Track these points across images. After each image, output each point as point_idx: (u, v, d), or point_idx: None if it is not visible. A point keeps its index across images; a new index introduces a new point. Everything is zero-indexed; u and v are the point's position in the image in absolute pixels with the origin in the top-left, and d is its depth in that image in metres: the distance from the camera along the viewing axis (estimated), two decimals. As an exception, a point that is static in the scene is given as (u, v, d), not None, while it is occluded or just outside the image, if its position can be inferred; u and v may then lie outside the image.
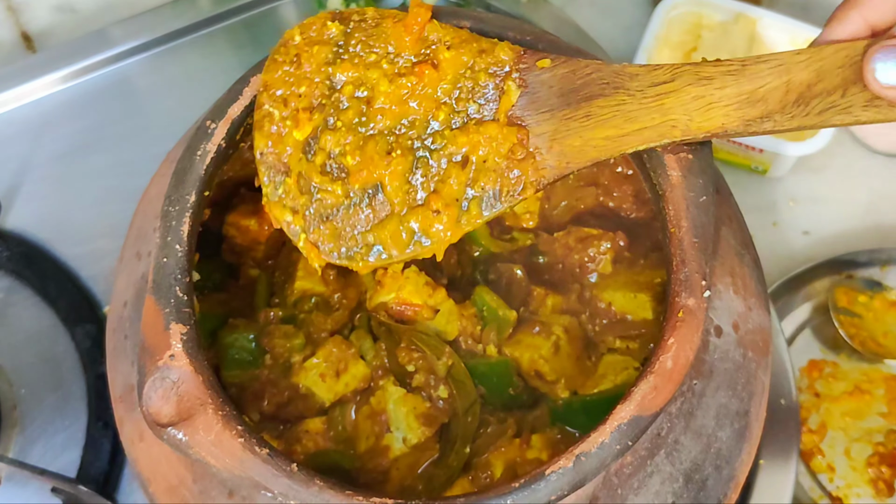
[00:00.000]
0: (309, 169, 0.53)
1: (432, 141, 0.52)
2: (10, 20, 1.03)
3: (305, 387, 0.60)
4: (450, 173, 0.52)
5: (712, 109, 0.47)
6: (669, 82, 0.48)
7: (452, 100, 0.53)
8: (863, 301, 0.84)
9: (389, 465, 0.58)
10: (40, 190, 0.92)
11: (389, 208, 0.52)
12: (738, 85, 0.47)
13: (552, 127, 0.51)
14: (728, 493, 0.55)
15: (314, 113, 0.54)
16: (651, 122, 0.48)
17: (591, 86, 0.50)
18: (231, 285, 0.65)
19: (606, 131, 0.49)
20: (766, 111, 0.46)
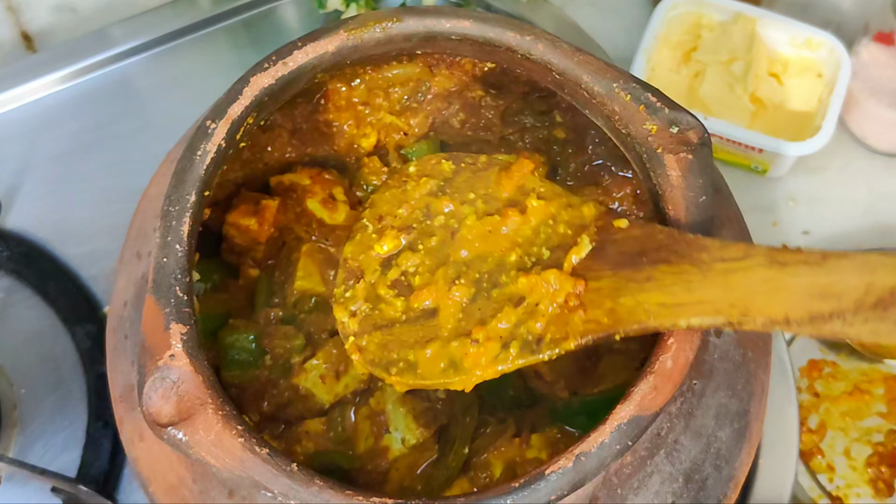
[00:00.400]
0: (380, 281, 0.57)
1: (498, 279, 0.54)
2: (10, 20, 1.03)
3: (305, 388, 0.60)
4: (502, 310, 0.52)
5: (779, 296, 0.44)
6: (740, 260, 0.46)
7: (528, 244, 0.54)
8: (863, 301, 0.84)
9: (389, 465, 0.59)
10: (40, 190, 0.92)
11: (437, 332, 0.54)
12: (812, 276, 0.43)
13: (610, 284, 0.50)
14: (728, 492, 0.55)
15: (402, 233, 0.58)
16: (711, 296, 0.46)
17: (660, 251, 0.49)
18: (231, 285, 0.65)
19: (663, 297, 0.47)
20: (838, 309, 0.42)
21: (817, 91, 0.91)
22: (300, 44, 0.55)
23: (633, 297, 0.48)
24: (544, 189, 0.57)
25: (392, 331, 0.56)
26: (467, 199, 0.58)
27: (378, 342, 0.56)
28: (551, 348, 0.50)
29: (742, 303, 0.44)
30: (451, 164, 0.60)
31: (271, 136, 0.66)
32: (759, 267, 0.45)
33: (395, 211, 0.60)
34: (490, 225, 0.56)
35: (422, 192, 0.60)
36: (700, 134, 0.52)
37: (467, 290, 0.54)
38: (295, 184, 0.66)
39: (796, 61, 0.92)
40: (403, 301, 0.56)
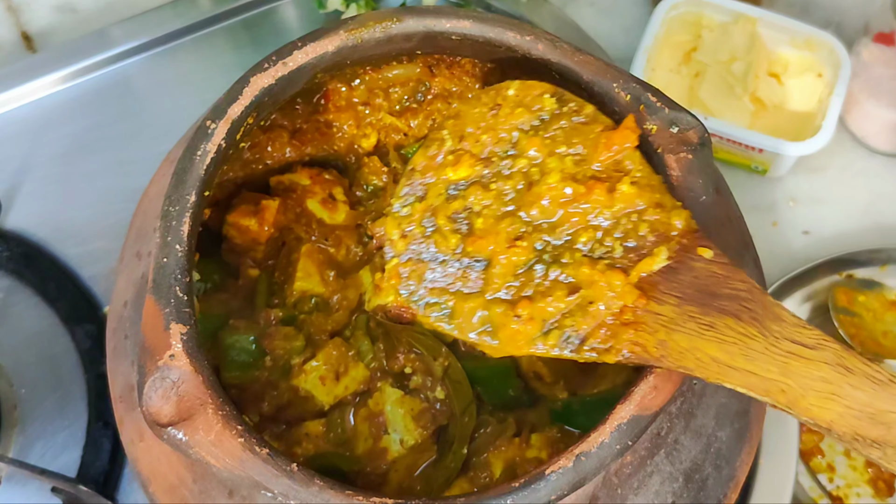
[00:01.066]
0: (441, 208, 0.52)
1: (560, 255, 0.50)
2: (10, 20, 1.03)
3: (305, 390, 0.60)
4: (554, 293, 0.48)
5: (832, 401, 0.42)
6: (809, 348, 0.43)
7: (603, 230, 0.50)
8: (862, 301, 0.85)
9: (388, 467, 0.59)
10: (40, 190, 0.92)
11: (482, 287, 0.50)
12: (873, 395, 0.41)
13: (672, 314, 0.46)
14: (728, 492, 0.55)
15: (479, 163, 0.53)
16: (765, 372, 0.43)
17: (733, 301, 0.45)
18: (231, 285, 0.65)
19: (718, 352, 0.44)
20: (883, 440, 0.40)
21: (817, 91, 0.91)
22: (300, 44, 0.55)
23: (689, 339, 0.45)
24: (641, 174, 0.51)
25: (437, 266, 0.52)
26: (558, 151, 0.52)
27: (419, 274, 0.52)
28: (588, 352, 0.47)
29: (794, 392, 0.42)
30: (553, 102, 0.54)
31: (271, 136, 0.66)
32: (825, 364, 0.42)
33: (480, 135, 0.54)
34: (572, 193, 0.50)
35: (513, 122, 0.54)
36: (700, 134, 0.52)
37: (526, 253, 0.50)
38: (295, 184, 0.66)
39: (796, 61, 0.92)
40: (458, 239, 0.52)
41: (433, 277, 0.52)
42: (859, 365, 0.42)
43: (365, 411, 0.60)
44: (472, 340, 0.50)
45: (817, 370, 0.43)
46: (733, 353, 0.44)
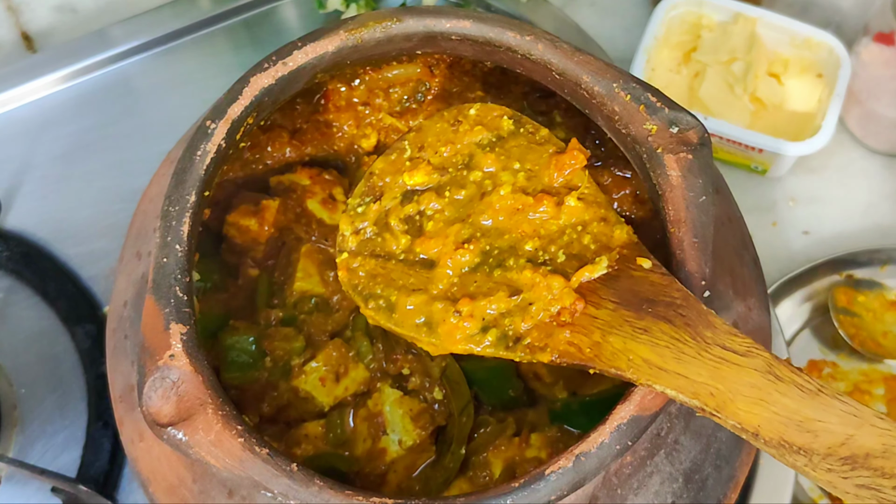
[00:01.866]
0: (395, 210, 0.56)
1: (505, 259, 0.52)
2: (10, 20, 1.03)
3: (305, 391, 0.60)
4: (496, 293, 0.51)
5: (760, 406, 0.42)
6: (739, 354, 0.44)
7: (548, 239, 0.53)
8: (862, 301, 0.85)
9: (387, 468, 0.59)
10: (40, 190, 0.92)
11: (426, 285, 0.52)
12: (800, 403, 0.42)
13: (608, 318, 0.48)
14: (728, 493, 0.55)
15: (435, 172, 0.56)
16: (696, 375, 0.44)
17: (668, 308, 0.47)
18: (231, 285, 0.65)
19: (650, 355, 0.45)
20: (809, 447, 0.40)
21: (817, 91, 0.91)
22: (300, 44, 0.55)
23: (623, 341, 0.47)
24: (588, 191, 0.54)
25: (386, 265, 0.54)
26: (511, 166, 0.56)
27: (368, 270, 0.55)
28: (525, 353, 0.49)
29: (722, 397, 0.43)
30: (511, 124, 0.58)
31: (271, 136, 0.66)
32: (754, 371, 0.43)
33: (438, 147, 0.57)
34: (521, 203, 0.54)
35: (471, 139, 0.57)
36: (700, 134, 0.52)
37: (472, 258, 0.52)
38: (295, 184, 0.66)
39: (796, 61, 0.92)
40: (409, 240, 0.55)
41: (382, 274, 0.54)
42: (788, 373, 0.43)
43: (364, 412, 0.60)
44: (412, 335, 0.52)
45: (747, 376, 0.43)
46: (665, 356, 0.45)
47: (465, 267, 0.53)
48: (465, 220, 0.54)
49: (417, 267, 0.54)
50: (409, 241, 0.54)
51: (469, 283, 0.52)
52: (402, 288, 0.53)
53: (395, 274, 0.54)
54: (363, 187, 0.58)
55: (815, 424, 0.41)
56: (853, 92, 0.91)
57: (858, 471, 0.39)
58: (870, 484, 0.39)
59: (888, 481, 0.39)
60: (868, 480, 0.39)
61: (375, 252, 0.55)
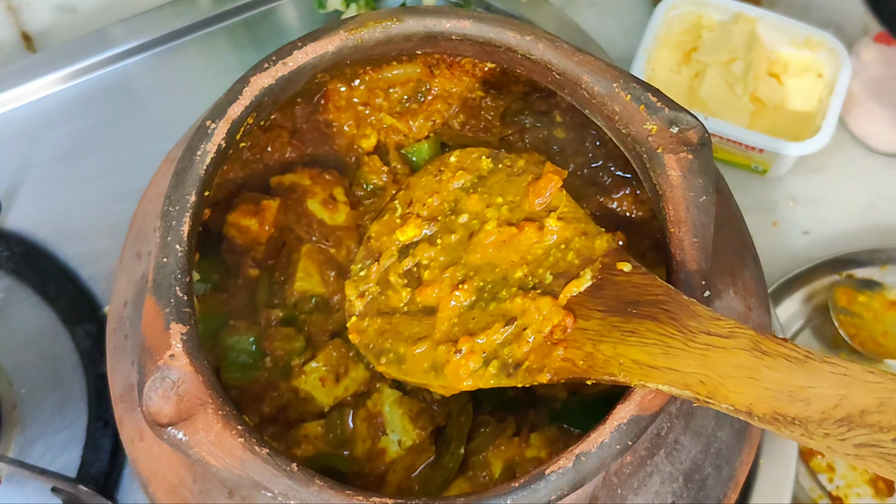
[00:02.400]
0: (393, 267, 0.58)
1: (498, 292, 0.54)
2: (10, 20, 1.03)
3: (305, 391, 0.60)
4: (492, 325, 0.52)
5: (750, 385, 0.42)
6: (724, 337, 0.44)
7: (535, 263, 0.54)
8: (862, 301, 0.85)
9: (386, 468, 0.59)
10: (40, 190, 0.92)
11: (430, 332, 0.54)
12: (789, 373, 0.42)
13: (597, 327, 0.49)
14: (728, 492, 0.55)
15: (425, 223, 0.59)
16: (685, 367, 0.44)
17: (653, 306, 0.48)
18: (231, 285, 0.65)
19: (640, 355, 0.46)
20: (803, 416, 0.40)
21: (817, 91, 0.91)
22: (300, 44, 0.55)
23: (613, 347, 0.47)
24: (567, 210, 0.56)
25: (392, 319, 0.56)
26: (495, 202, 0.58)
27: (377, 328, 0.57)
28: (525, 377, 0.50)
29: (712, 383, 0.43)
30: (489, 162, 0.60)
31: (271, 136, 0.66)
32: (740, 350, 0.43)
33: (426, 199, 0.60)
34: (507, 235, 0.56)
35: (455, 185, 0.60)
36: (700, 134, 0.52)
37: (468, 296, 0.54)
38: (295, 184, 0.66)
39: (796, 61, 0.92)
40: (409, 292, 0.57)
41: (390, 329, 0.56)
42: (774, 346, 0.43)
43: (363, 412, 0.60)
44: (423, 382, 0.54)
45: (734, 357, 0.43)
46: (654, 354, 0.45)
47: (462, 307, 0.54)
48: (458, 262, 0.56)
49: (420, 315, 0.56)
50: (409, 293, 0.57)
51: (468, 320, 0.54)
52: (409, 338, 0.55)
53: (401, 327, 0.56)
54: (363, 252, 0.61)
55: (806, 392, 0.41)
56: (853, 92, 0.91)
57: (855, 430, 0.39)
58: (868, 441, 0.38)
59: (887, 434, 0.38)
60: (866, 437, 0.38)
61: (381, 310, 0.57)
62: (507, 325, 0.52)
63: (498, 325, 0.52)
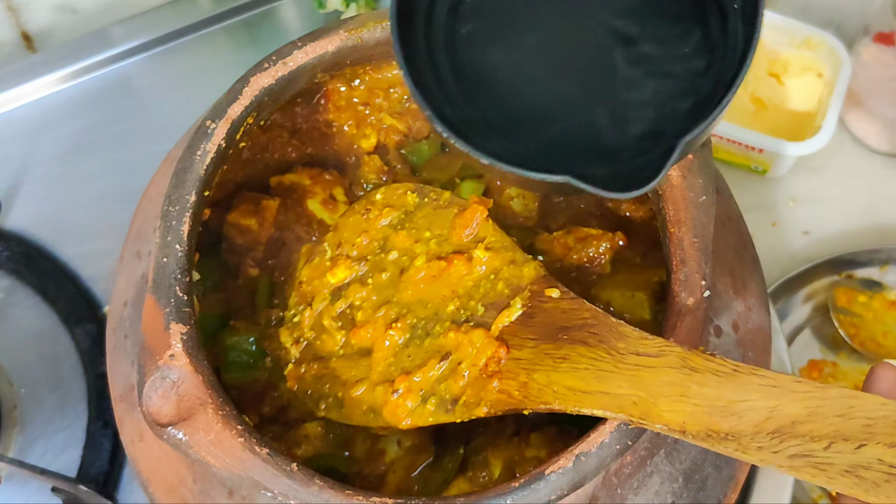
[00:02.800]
0: (326, 310, 0.58)
1: (432, 328, 0.54)
2: (10, 20, 1.03)
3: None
4: (427, 362, 0.52)
5: (681, 402, 0.42)
6: (653, 356, 0.44)
7: (466, 296, 0.54)
8: (862, 301, 0.85)
9: (386, 468, 0.59)
10: (40, 190, 0.92)
11: (367, 373, 0.54)
12: (719, 388, 0.41)
13: (530, 356, 0.49)
14: (728, 492, 0.55)
15: (355, 263, 0.58)
16: (617, 389, 0.44)
17: (582, 330, 0.48)
18: (231, 285, 0.65)
19: (573, 381, 0.46)
20: (736, 430, 0.40)
21: (817, 91, 0.91)
22: (300, 44, 0.55)
23: (546, 375, 0.47)
24: (494, 239, 0.56)
25: (329, 364, 0.56)
26: (423, 237, 0.58)
27: (314, 373, 0.57)
28: (463, 412, 0.50)
29: (644, 403, 0.43)
30: (415, 198, 0.60)
31: (271, 136, 0.66)
32: (670, 369, 0.43)
33: (354, 239, 0.60)
34: (437, 269, 0.56)
35: (382, 222, 0.60)
36: (700, 134, 0.52)
37: (402, 334, 0.54)
38: (295, 184, 0.66)
39: (796, 61, 0.92)
40: (344, 334, 0.57)
41: (327, 374, 0.56)
42: (702, 362, 0.42)
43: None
44: (363, 423, 0.54)
45: (664, 375, 0.43)
46: (587, 379, 0.45)
47: (397, 345, 0.54)
48: (391, 300, 0.56)
49: (356, 357, 0.55)
50: (344, 335, 0.57)
51: (404, 359, 0.54)
52: (346, 382, 0.55)
53: (338, 371, 0.56)
54: (294, 298, 0.60)
55: (737, 406, 0.41)
56: (853, 92, 0.91)
57: (787, 441, 0.39)
58: (801, 452, 0.38)
59: (818, 444, 0.38)
60: (799, 448, 0.38)
61: (317, 355, 0.57)
62: (441, 361, 0.52)
63: (433, 362, 0.52)
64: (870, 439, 0.37)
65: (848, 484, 0.37)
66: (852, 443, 0.38)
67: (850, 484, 0.37)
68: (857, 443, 0.37)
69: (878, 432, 0.37)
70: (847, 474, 0.37)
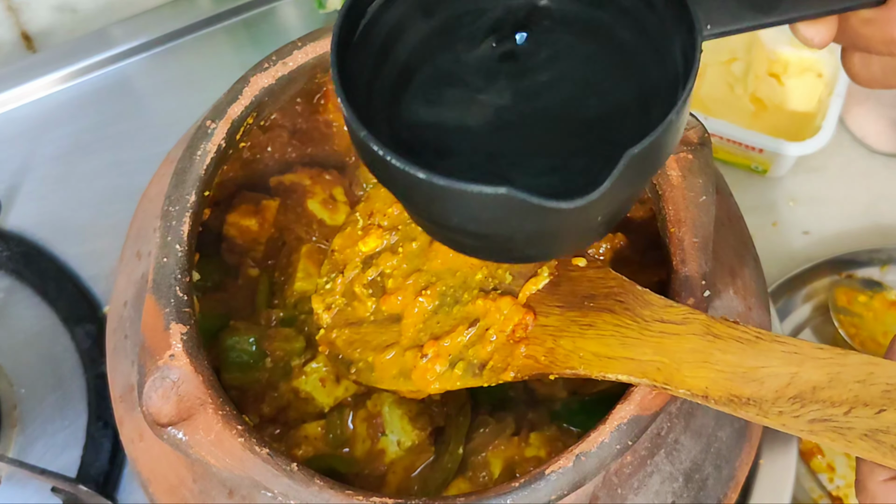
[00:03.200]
0: (357, 278, 0.58)
1: (461, 296, 0.54)
2: (10, 20, 1.03)
3: (305, 391, 0.60)
4: (456, 329, 0.53)
5: (704, 368, 0.43)
6: (677, 324, 0.45)
7: (495, 265, 0.54)
8: (862, 301, 0.85)
9: (386, 469, 0.59)
10: (40, 190, 0.92)
11: (398, 339, 0.55)
12: (741, 355, 0.42)
13: (556, 323, 0.50)
14: (728, 492, 0.55)
15: (386, 233, 0.58)
16: (642, 355, 0.45)
17: (608, 298, 0.49)
18: (231, 285, 0.65)
19: (598, 347, 0.47)
20: (758, 395, 0.41)
21: (817, 91, 0.91)
22: (300, 44, 0.55)
23: (572, 341, 0.48)
24: None
25: (360, 329, 0.57)
26: None
27: (346, 339, 0.57)
28: (490, 376, 0.51)
29: (668, 369, 0.44)
30: None
31: (271, 136, 0.66)
32: (693, 336, 0.44)
33: (386, 209, 0.60)
34: None
35: None
36: (700, 134, 0.52)
37: (431, 301, 0.55)
38: (295, 184, 0.66)
39: (796, 61, 0.92)
40: (374, 301, 0.57)
41: (358, 339, 0.56)
42: (725, 329, 0.43)
43: (363, 413, 0.60)
44: (393, 388, 0.54)
45: (688, 342, 0.44)
46: (612, 345, 0.46)
47: (426, 312, 0.55)
48: (421, 269, 0.56)
49: (387, 324, 0.56)
50: (375, 302, 0.57)
51: (433, 325, 0.54)
52: (377, 347, 0.55)
53: (369, 336, 0.56)
54: (327, 266, 0.60)
55: (759, 372, 0.41)
56: (853, 92, 0.91)
57: (808, 406, 0.39)
58: (821, 416, 0.39)
59: (838, 409, 0.39)
60: (818, 413, 0.39)
61: (349, 321, 0.58)
62: (470, 328, 0.52)
63: (462, 328, 0.53)
64: (889, 405, 0.38)
65: (867, 448, 0.38)
66: (872, 408, 0.38)
67: (868, 448, 0.37)
68: (876, 408, 0.38)
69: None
70: (866, 438, 0.38)
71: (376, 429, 0.59)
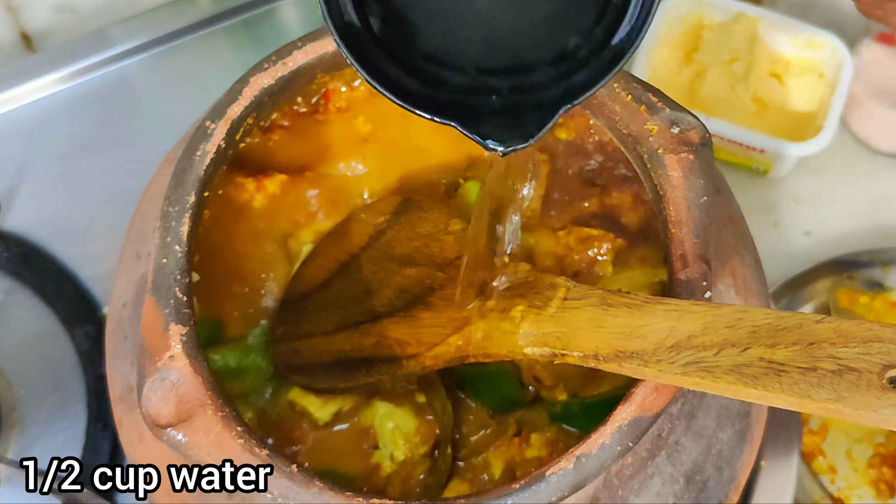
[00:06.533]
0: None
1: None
2: (10, 20, 1.03)
3: (301, 406, 0.59)
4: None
5: (597, 332, 0.47)
6: (578, 299, 0.49)
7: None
8: (864, 302, 0.84)
9: (384, 483, 0.58)
10: (40, 190, 0.91)
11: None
12: (630, 318, 0.46)
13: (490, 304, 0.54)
14: (729, 494, 0.55)
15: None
16: (545, 329, 0.49)
17: (522, 287, 0.53)
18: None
19: (511, 327, 0.51)
20: (640, 349, 0.44)
21: (819, 91, 0.91)
22: (300, 44, 0.55)
23: (490, 323, 0.52)
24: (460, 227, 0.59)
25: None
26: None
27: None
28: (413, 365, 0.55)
29: (566, 337, 0.48)
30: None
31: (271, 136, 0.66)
32: (590, 307, 0.48)
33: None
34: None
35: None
36: (701, 134, 0.52)
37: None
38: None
39: (798, 62, 0.92)
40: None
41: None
42: (619, 299, 0.47)
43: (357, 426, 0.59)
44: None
45: (585, 313, 0.48)
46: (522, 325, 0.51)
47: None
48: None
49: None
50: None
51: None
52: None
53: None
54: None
55: (643, 329, 0.45)
56: (855, 92, 0.91)
57: (683, 353, 0.42)
58: (693, 359, 0.42)
59: (709, 351, 0.42)
60: (691, 357, 0.42)
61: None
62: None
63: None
64: (753, 342, 0.41)
65: (731, 381, 0.40)
66: (738, 347, 0.41)
67: (732, 380, 0.40)
68: (742, 347, 0.41)
69: (760, 336, 0.41)
70: (731, 373, 0.41)
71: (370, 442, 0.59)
